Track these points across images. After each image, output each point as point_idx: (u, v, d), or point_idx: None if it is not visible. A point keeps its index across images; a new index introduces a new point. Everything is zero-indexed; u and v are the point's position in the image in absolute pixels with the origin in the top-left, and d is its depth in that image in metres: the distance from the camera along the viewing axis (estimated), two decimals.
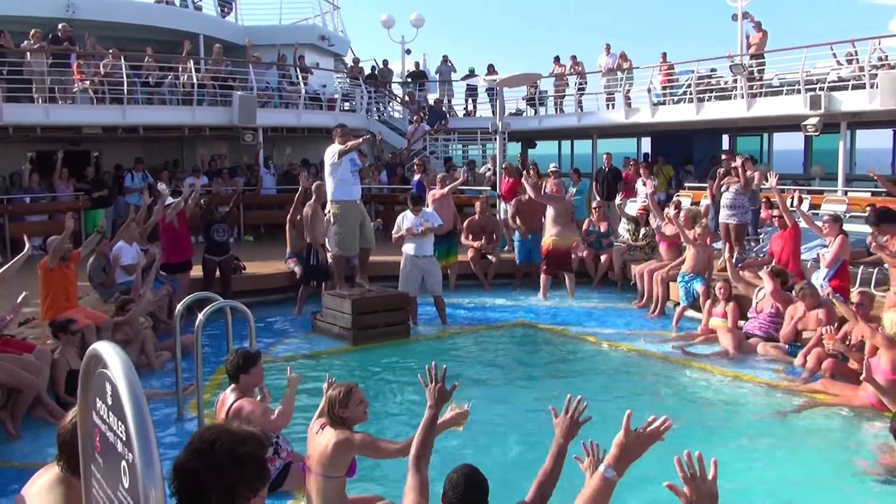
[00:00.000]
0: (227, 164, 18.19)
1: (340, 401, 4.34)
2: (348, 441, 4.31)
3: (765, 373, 8.20)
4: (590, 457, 3.08)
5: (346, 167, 9.95)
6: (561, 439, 3.29)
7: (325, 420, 4.40)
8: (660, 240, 11.77)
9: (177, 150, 19.61)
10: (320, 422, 4.44)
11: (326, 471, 4.28)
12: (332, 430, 4.34)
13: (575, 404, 3.29)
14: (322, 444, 4.30)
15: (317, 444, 4.34)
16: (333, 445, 4.27)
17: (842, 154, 15.99)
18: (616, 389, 7.91)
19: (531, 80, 19.24)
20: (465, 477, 3.14)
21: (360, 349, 9.50)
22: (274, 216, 16.03)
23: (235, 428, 2.21)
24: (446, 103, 22.85)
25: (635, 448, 2.82)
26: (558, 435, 3.30)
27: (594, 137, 21.72)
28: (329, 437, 4.31)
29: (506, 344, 9.83)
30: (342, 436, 4.31)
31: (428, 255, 10.42)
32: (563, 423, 3.30)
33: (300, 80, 19.03)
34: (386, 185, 17.74)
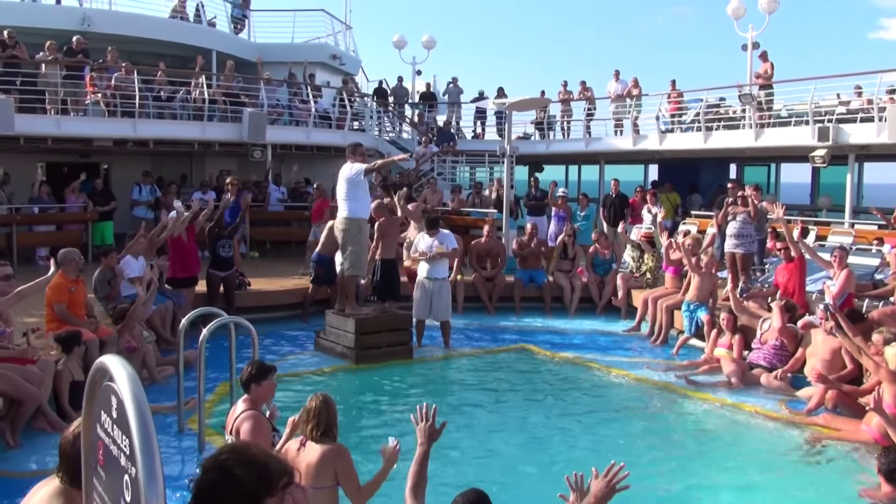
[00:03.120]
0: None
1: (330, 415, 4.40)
2: (342, 450, 4.35)
3: (767, 404, 8.17)
4: (574, 492, 3.10)
5: (366, 185, 9.98)
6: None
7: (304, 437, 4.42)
8: (665, 267, 11.78)
9: (186, 164, 19.71)
10: (298, 441, 4.45)
11: (316, 482, 4.29)
12: (317, 444, 4.36)
13: (616, 470, 3.16)
14: (309, 458, 4.32)
15: (300, 461, 4.35)
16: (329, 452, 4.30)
17: (849, 186, 15.98)
18: (616, 417, 7.90)
19: (540, 105, 19.34)
20: (474, 502, 3.18)
21: (361, 369, 9.51)
22: (280, 233, 16.12)
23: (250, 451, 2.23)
24: (454, 125, 22.96)
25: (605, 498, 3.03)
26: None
27: (602, 163, 21.76)
28: (317, 449, 4.33)
29: (506, 368, 9.82)
30: (334, 445, 4.35)
31: (440, 278, 10.43)
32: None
33: (311, 99, 19.15)
34: None
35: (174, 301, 10.51)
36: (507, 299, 12.88)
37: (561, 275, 13.03)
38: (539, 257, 13.13)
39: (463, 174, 22.62)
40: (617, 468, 3.13)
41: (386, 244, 10.49)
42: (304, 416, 4.46)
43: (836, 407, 7.63)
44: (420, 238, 10.55)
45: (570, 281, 12.91)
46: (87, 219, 14.91)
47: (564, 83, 22.30)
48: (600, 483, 3.12)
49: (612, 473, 3.13)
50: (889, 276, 10.45)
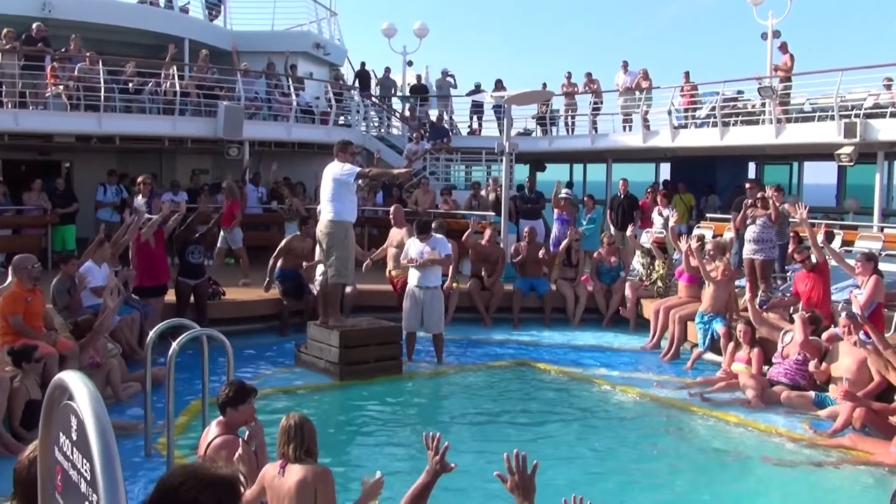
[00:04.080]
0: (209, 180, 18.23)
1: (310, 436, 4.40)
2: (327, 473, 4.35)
3: (789, 424, 8.19)
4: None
5: (354, 187, 10.01)
6: None
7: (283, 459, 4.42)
8: (679, 274, 11.81)
9: (155, 163, 19.69)
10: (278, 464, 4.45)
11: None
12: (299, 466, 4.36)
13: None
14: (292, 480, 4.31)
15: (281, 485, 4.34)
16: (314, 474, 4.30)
17: (878, 187, 16.04)
18: (623, 438, 7.92)
19: (542, 98, 19.39)
20: None
21: (347, 385, 9.50)
22: (259, 237, 16.08)
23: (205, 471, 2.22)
24: (448, 120, 23.00)
25: None
26: None
27: (609, 162, 21.81)
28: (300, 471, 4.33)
29: (505, 385, 9.83)
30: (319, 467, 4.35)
31: (432, 286, 10.44)
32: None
33: (292, 91, 19.17)
34: (381, 207, 17.78)
35: (141, 312, 10.48)
36: (505, 310, 12.90)
37: (564, 283, 13.05)
38: (539, 265, 13.15)
39: (458, 173, 22.64)
40: None
41: None
42: (282, 436, 4.46)
43: (865, 426, 7.65)
44: (411, 243, 10.57)
45: (575, 290, 12.94)
46: (47, 222, 14.86)
47: (568, 75, 22.38)
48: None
49: None
50: None
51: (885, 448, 7.09)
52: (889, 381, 7.81)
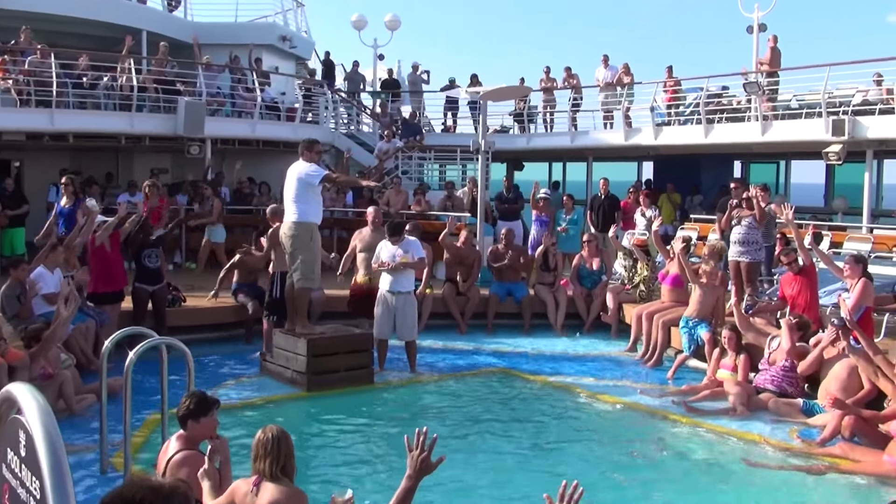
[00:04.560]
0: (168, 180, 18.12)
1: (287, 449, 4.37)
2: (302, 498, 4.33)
3: (776, 433, 8.26)
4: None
5: (320, 188, 10.02)
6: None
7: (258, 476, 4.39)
8: (662, 278, 11.88)
9: (111, 162, 19.54)
10: (251, 480, 4.42)
11: None
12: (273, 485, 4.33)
13: (570, 491, 3.33)
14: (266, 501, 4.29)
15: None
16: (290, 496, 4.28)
17: (867, 186, 16.25)
18: (606, 448, 7.95)
19: (519, 94, 19.44)
20: None
21: (315, 396, 9.46)
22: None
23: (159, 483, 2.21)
24: (421, 117, 23.00)
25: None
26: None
27: (589, 160, 21.90)
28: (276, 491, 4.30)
29: (482, 394, 9.84)
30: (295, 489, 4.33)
31: (404, 291, 10.43)
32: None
33: (257, 86, 19.10)
34: (351, 209, 17.77)
35: (96, 320, 10.39)
36: (481, 315, 12.93)
37: (543, 288, 13.10)
38: (517, 269, 13.18)
39: (431, 173, 22.66)
40: (571, 489, 3.31)
41: (281, 254, 10.56)
42: (257, 450, 4.43)
43: (855, 435, 7.72)
44: (382, 246, 10.56)
45: (554, 295, 12.98)
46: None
47: (547, 70, 22.47)
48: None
49: (567, 496, 3.30)
50: None
51: (877, 457, 7.17)
52: (879, 389, 7.90)
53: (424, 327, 12.05)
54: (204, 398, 5.03)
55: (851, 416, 7.68)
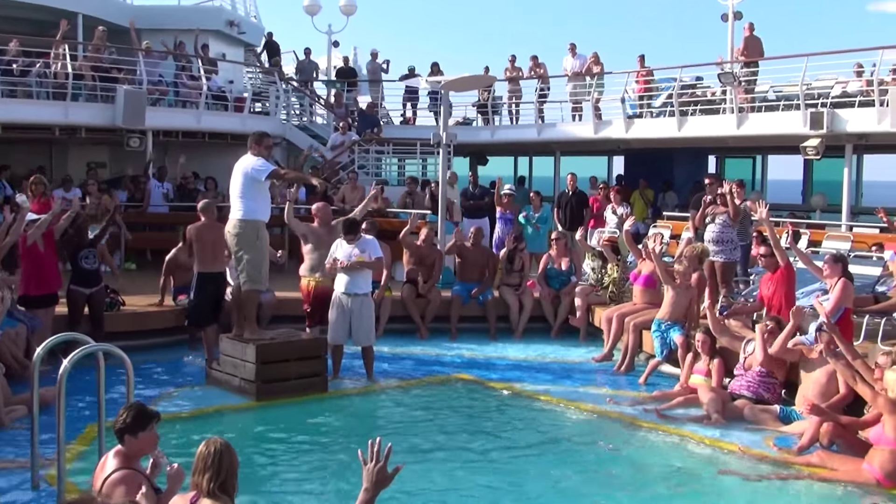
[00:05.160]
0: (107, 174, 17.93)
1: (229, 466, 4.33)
2: None
3: (752, 441, 8.34)
4: None
5: (267, 184, 9.96)
6: None
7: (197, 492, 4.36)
8: (634, 278, 11.95)
9: (44, 154, 19.29)
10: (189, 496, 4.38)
11: None
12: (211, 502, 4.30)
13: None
14: None
15: None
16: None
17: (846, 182, 16.49)
18: (574, 458, 7.98)
19: (483, 84, 19.47)
20: None
21: (264, 406, 9.40)
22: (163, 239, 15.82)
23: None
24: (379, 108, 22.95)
25: None
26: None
27: (557, 154, 22.02)
28: None
29: (444, 403, 9.84)
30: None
31: (361, 293, 10.38)
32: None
33: (202, 75, 18.94)
34: (304, 205, 17.66)
35: (28, 325, 10.25)
36: (443, 319, 12.92)
37: (508, 290, 13.12)
38: (482, 269, 13.18)
39: (390, 167, 22.62)
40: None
41: (204, 255, 10.58)
42: (197, 464, 4.39)
43: (833, 443, 7.82)
44: (337, 245, 10.51)
45: (519, 297, 13.01)
46: None
47: (512, 58, 22.53)
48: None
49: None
50: (892, 288, 10.77)
51: (856, 465, 7.26)
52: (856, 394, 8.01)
53: (382, 332, 12.03)
54: (142, 411, 4.97)
55: (830, 422, 7.79)
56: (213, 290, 10.78)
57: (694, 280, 10.76)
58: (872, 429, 7.41)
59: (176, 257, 11.94)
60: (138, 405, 5.10)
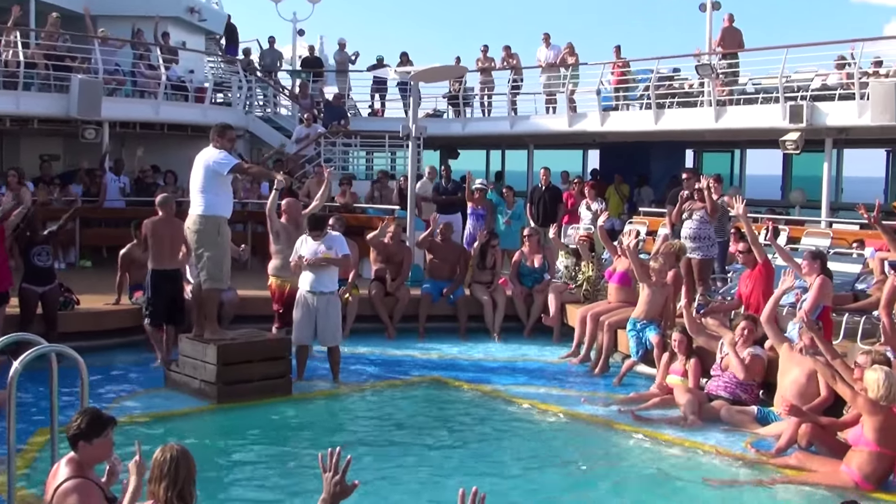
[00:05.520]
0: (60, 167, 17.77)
1: None
2: None
3: (729, 443, 8.41)
4: None
5: (230, 178, 9.92)
6: None
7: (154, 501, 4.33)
8: (609, 276, 11.99)
9: None
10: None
11: None
12: None
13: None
14: None
15: None
16: None
17: (826, 178, 16.63)
18: (548, 462, 8.02)
19: (454, 75, 19.48)
20: None
21: (226, 409, 9.36)
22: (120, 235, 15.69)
23: None
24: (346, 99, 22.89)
25: None
26: None
27: (530, 148, 22.07)
28: None
29: (413, 405, 9.86)
30: None
31: (327, 291, 10.35)
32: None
33: (161, 64, 18.80)
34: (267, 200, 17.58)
35: None
36: (412, 318, 12.92)
37: (479, 288, 13.14)
38: (453, 266, 13.19)
39: (357, 161, 22.58)
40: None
41: (160, 251, 10.52)
42: (153, 472, 4.37)
43: (811, 444, 7.89)
44: (303, 241, 10.48)
45: (492, 295, 13.03)
46: None
47: (484, 48, 22.54)
48: None
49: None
50: (872, 286, 10.89)
51: (835, 467, 7.34)
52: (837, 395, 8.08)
53: (349, 332, 12.00)
54: (97, 416, 4.92)
55: (808, 423, 7.86)
56: (169, 289, 10.74)
57: (670, 278, 10.82)
58: (851, 430, 7.49)
59: (130, 253, 11.85)
60: (93, 410, 5.05)
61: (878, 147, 22.65)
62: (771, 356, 9.19)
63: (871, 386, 7.12)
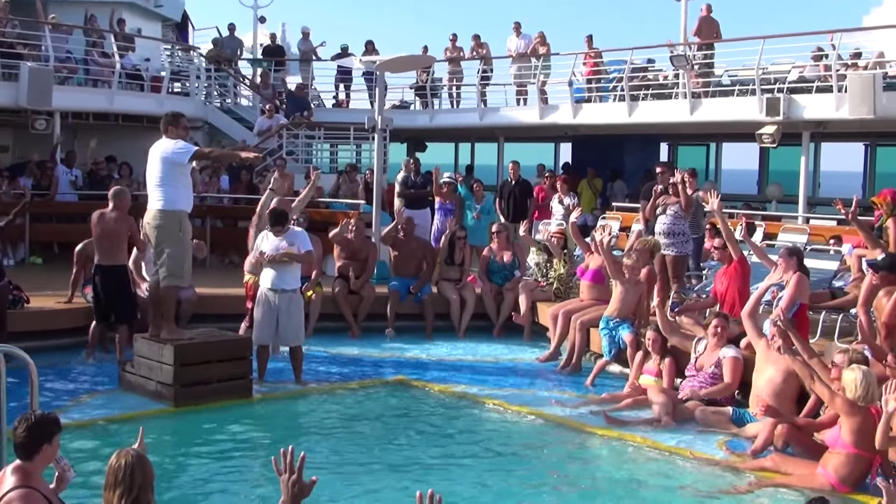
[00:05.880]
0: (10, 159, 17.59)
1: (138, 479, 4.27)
2: None
3: (704, 445, 8.46)
4: None
5: (189, 170, 9.87)
6: None
7: None
8: (581, 273, 12.03)
9: None
10: None
11: None
12: None
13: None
14: None
15: None
16: None
17: (803, 172, 16.77)
18: (517, 465, 8.04)
19: (422, 65, 19.47)
20: None
21: (183, 412, 9.31)
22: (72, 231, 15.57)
23: None
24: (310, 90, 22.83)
25: None
26: None
27: (500, 141, 22.10)
28: None
29: (379, 408, 9.85)
30: None
31: (289, 289, 10.32)
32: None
33: (115, 52, 18.66)
34: (227, 194, 17.53)
35: None
36: (377, 317, 12.91)
37: (447, 285, 13.15)
38: (419, 262, 13.20)
39: (321, 153, 22.51)
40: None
41: (104, 245, 10.48)
42: (108, 478, 4.32)
43: (788, 445, 7.97)
44: (263, 237, 10.44)
45: (460, 293, 13.04)
46: None
47: (453, 37, 22.56)
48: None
49: None
50: (849, 284, 10.99)
51: (811, 469, 7.41)
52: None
53: (312, 331, 11.98)
54: (43, 421, 4.86)
55: (784, 424, 7.94)
56: (113, 286, 10.72)
57: (644, 275, 10.87)
58: (828, 431, 7.56)
59: (86, 249, 11.74)
60: (40, 415, 4.99)
61: (856, 141, 22.86)
62: (747, 355, 9.26)
63: (850, 386, 7.19)
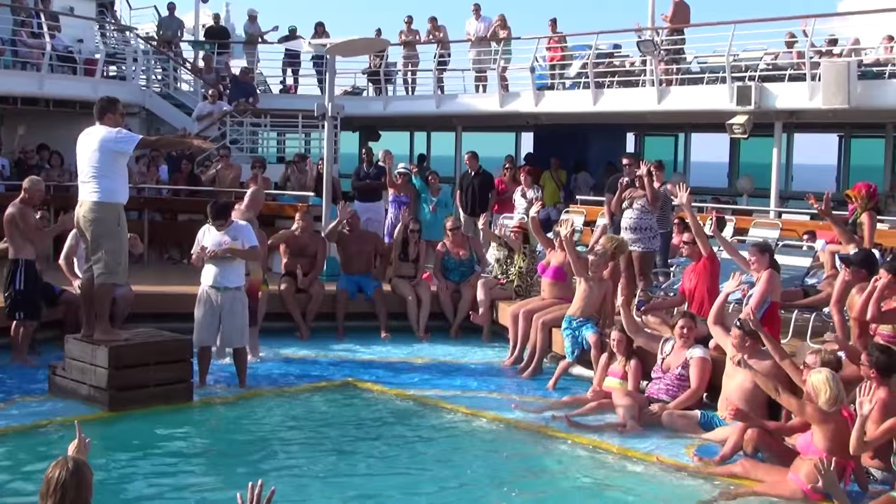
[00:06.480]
0: None
1: None
2: None
3: (671, 450, 8.52)
4: None
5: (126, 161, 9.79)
6: None
7: None
8: (542, 270, 12.05)
9: None
10: None
11: None
12: None
13: None
14: None
15: None
16: None
17: (775, 164, 16.96)
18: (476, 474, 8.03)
19: (375, 48, 19.43)
20: None
21: (119, 417, 9.24)
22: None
23: None
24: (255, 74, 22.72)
25: None
26: None
27: (458, 130, 22.11)
28: None
29: (328, 412, 9.84)
30: None
31: (232, 287, 10.26)
32: None
33: (45, 32, 18.46)
34: (166, 186, 17.39)
35: None
36: (327, 316, 12.89)
37: (402, 282, 13.14)
38: (369, 258, 13.15)
39: (268, 142, 22.40)
40: None
41: (16, 239, 10.50)
42: (43, 489, 4.28)
43: (758, 451, 8.05)
44: (205, 232, 10.37)
45: (416, 290, 13.03)
46: None
47: (408, 20, 22.56)
48: None
49: None
50: (823, 281, 11.11)
51: (782, 476, 7.48)
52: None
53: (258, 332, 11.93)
54: None
55: (754, 429, 8.01)
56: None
57: (608, 272, 10.92)
58: (801, 436, 7.63)
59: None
60: None
61: (831, 131, 23.11)
62: (715, 356, 9.34)
63: (820, 388, 7.25)
